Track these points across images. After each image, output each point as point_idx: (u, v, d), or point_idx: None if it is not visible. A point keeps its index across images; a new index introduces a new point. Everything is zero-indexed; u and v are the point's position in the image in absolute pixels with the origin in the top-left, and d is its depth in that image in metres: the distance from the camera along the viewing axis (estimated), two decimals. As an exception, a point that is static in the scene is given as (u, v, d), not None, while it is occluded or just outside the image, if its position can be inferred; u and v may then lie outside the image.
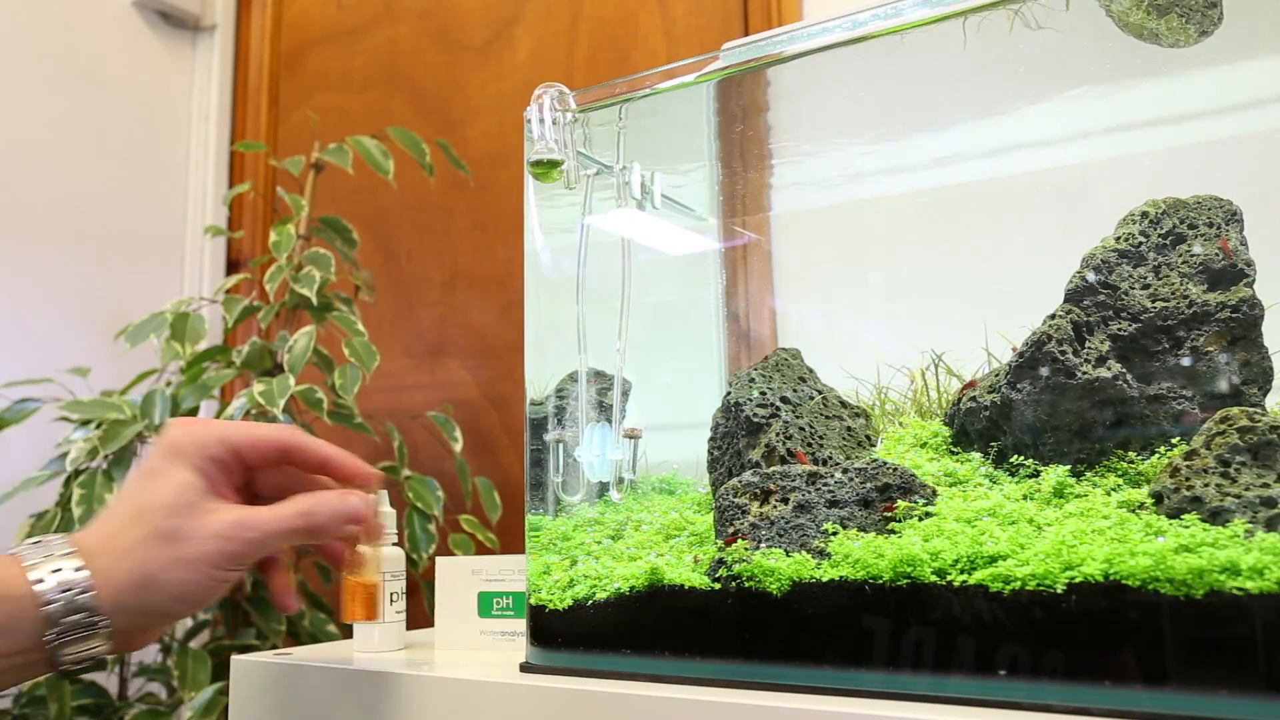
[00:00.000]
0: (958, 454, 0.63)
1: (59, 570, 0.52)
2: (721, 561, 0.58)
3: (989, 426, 0.61)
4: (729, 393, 0.69)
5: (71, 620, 0.52)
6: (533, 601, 0.66)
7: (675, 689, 0.55)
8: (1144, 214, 0.61)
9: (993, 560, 0.50)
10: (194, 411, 1.26)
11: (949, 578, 0.50)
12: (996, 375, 0.62)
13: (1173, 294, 0.58)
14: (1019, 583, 0.48)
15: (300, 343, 1.23)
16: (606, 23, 1.52)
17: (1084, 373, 0.57)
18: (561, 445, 0.76)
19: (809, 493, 0.58)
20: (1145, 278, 0.59)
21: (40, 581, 0.51)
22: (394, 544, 0.77)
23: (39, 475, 1.19)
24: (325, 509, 0.58)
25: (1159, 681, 0.45)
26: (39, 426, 1.27)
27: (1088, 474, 0.56)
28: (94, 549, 0.54)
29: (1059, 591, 0.47)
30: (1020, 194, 0.75)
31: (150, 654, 1.32)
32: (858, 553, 0.54)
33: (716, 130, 0.82)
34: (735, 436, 0.68)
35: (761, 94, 0.78)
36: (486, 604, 0.75)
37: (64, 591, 0.51)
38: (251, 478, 0.61)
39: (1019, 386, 0.59)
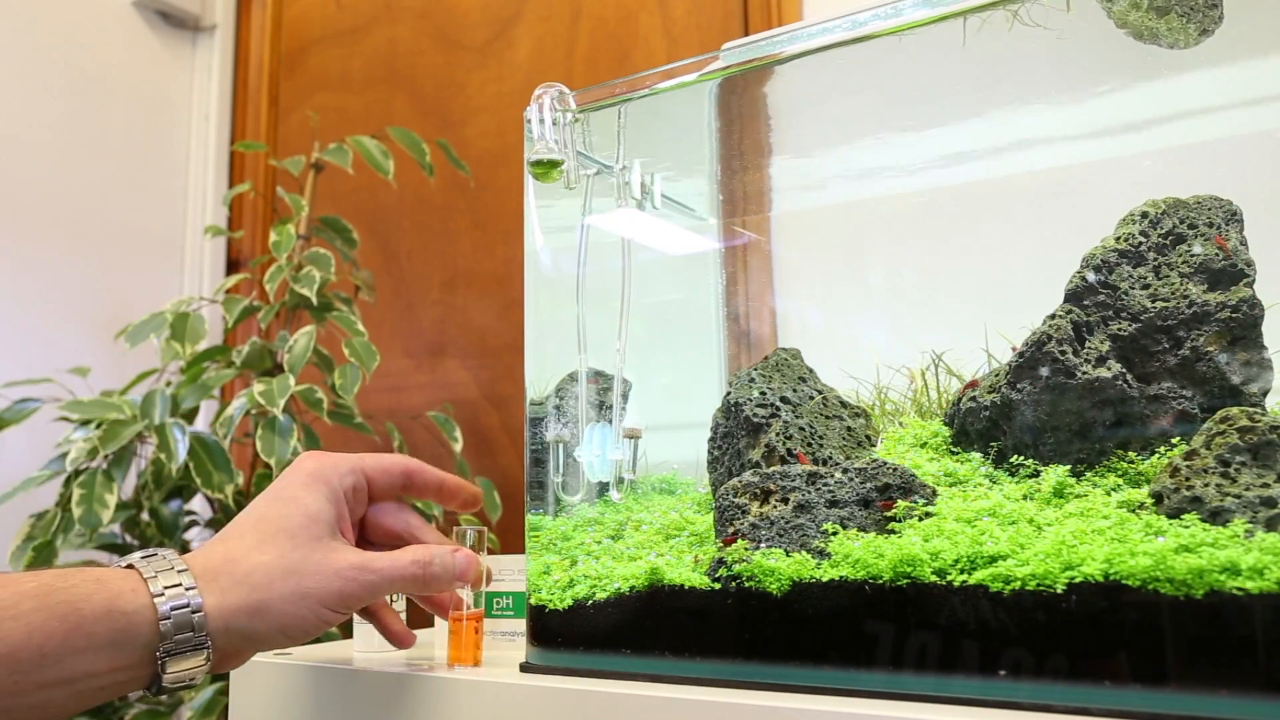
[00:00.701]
0: (958, 454, 0.63)
1: (176, 586, 0.52)
2: (721, 561, 0.58)
3: (989, 426, 0.61)
4: (729, 393, 0.69)
5: (180, 639, 0.52)
6: (533, 601, 0.66)
7: (675, 689, 0.55)
8: (1144, 214, 0.61)
9: (993, 560, 0.50)
10: (194, 412, 1.26)
11: (949, 578, 0.50)
12: (996, 375, 0.62)
13: (1173, 294, 0.58)
14: (1019, 583, 0.48)
15: (300, 343, 1.23)
16: (606, 23, 1.52)
17: (1084, 373, 0.57)
18: (561, 445, 0.76)
19: (809, 493, 0.58)
20: (1145, 278, 0.59)
21: (160, 596, 0.51)
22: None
23: (39, 475, 1.19)
24: (439, 564, 0.60)
25: (1159, 681, 0.45)
26: (39, 426, 1.27)
27: (1088, 474, 0.56)
28: (211, 570, 0.54)
29: (1059, 591, 0.47)
30: (1020, 194, 0.75)
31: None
32: (858, 553, 0.54)
33: (716, 130, 0.82)
34: (735, 436, 0.68)
35: (762, 94, 0.78)
36: (487, 604, 0.75)
37: (177, 609, 0.51)
38: (367, 514, 0.64)
39: (1019, 386, 0.59)
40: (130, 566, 0.53)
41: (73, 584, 0.50)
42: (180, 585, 0.52)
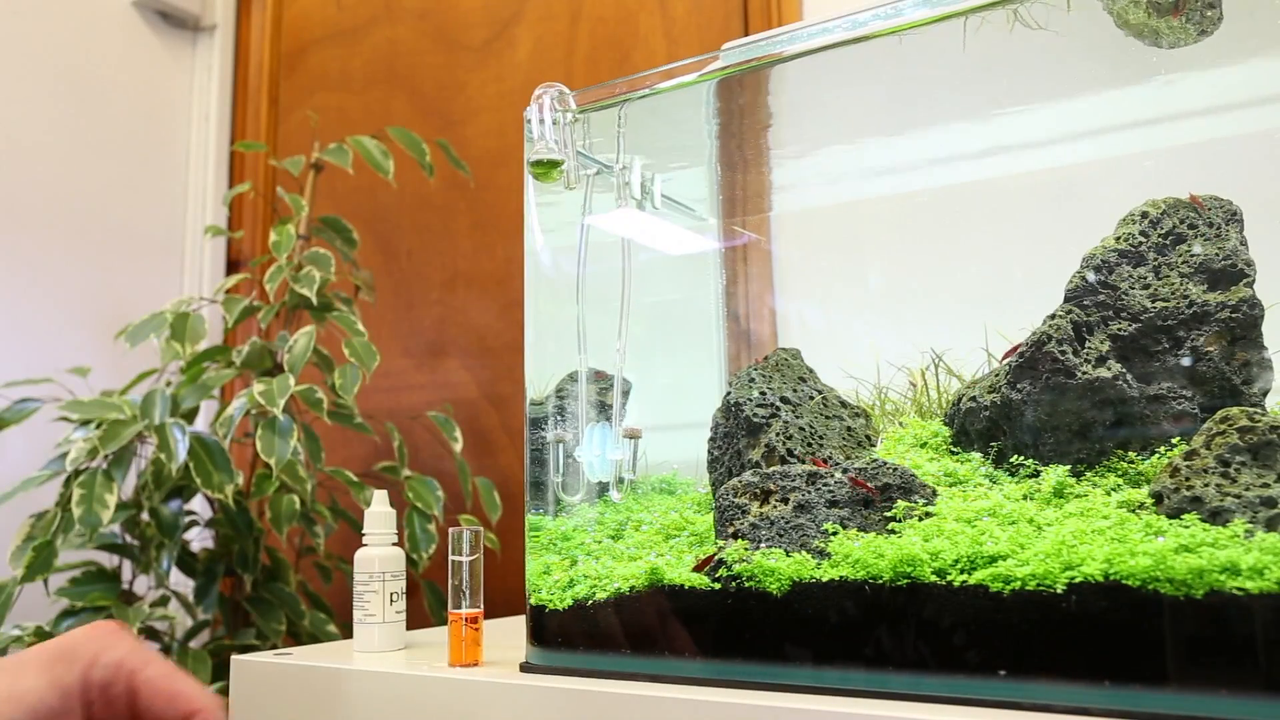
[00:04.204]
0: (958, 454, 0.63)
1: None
2: (721, 562, 0.58)
3: (989, 426, 0.61)
4: (729, 393, 0.69)
5: None
6: (533, 601, 0.66)
7: (675, 689, 0.55)
8: (1144, 214, 0.61)
9: (993, 560, 0.50)
10: (194, 412, 1.26)
11: (949, 578, 0.50)
12: (996, 375, 0.62)
13: (1173, 294, 0.58)
14: (1019, 583, 0.48)
15: (300, 343, 1.23)
16: (606, 23, 1.52)
17: (1084, 373, 0.57)
18: (561, 445, 0.76)
19: (809, 493, 0.58)
20: (1145, 278, 0.59)
21: None
22: (394, 544, 0.77)
23: (39, 475, 1.19)
24: None
25: (1159, 681, 0.45)
26: (39, 426, 1.27)
27: (1088, 474, 0.56)
28: None
29: (1059, 591, 0.47)
30: (1020, 194, 0.75)
31: (150, 654, 1.32)
32: (858, 553, 0.54)
33: (716, 130, 0.82)
34: (735, 436, 0.68)
35: (762, 94, 0.78)
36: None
37: None
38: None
39: (1019, 386, 0.59)
40: None
41: None
42: None
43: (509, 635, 0.77)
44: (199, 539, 1.40)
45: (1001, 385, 0.60)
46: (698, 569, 0.59)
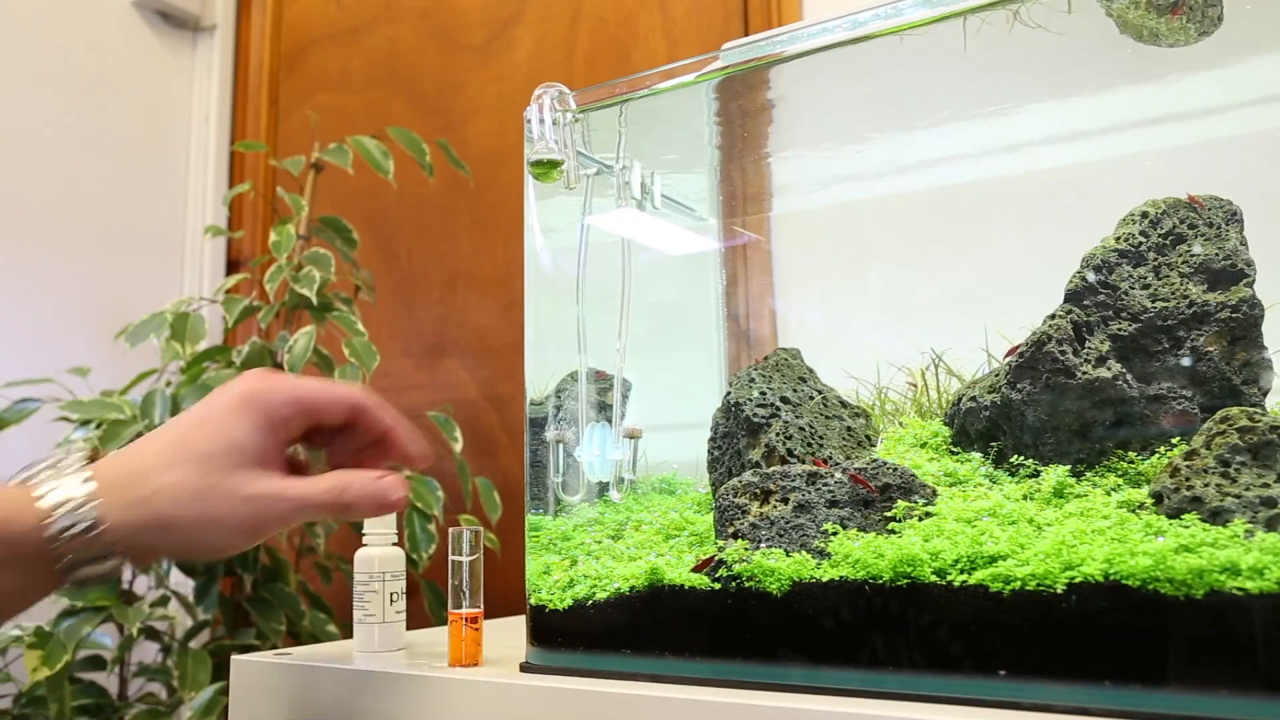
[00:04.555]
0: (958, 454, 0.63)
1: (68, 502, 0.51)
2: (721, 562, 0.58)
3: (989, 426, 0.61)
4: (729, 393, 0.69)
5: (77, 553, 0.51)
6: (533, 601, 0.66)
7: (675, 689, 0.55)
8: (1144, 214, 0.61)
9: (993, 560, 0.50)
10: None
11: (949, 578, 0.50)
12: (996, 375, 0.62)
13: (1173, 294, 0.58)
14: (1019, 583, 0.48)
15: (300, 343, 1.23)
16: (606, 23, 1.52)
17: (1084, 373, 0.57)
18: (561, 445, 0.76)
19: (809, 493, 0.58)
20: (1145, 278, 0.59)
21: (49, 519, 0.51)
22: (394, 544, 0.77)
23: (39, 475, 1.19)
24: (356, 489, 0.57)
25: (1159, 681, 0.45)
26: (39, 426, 1.27)
27: (1088, 474, 0.56)
28: (117, 483, 0.53)
29: (1059, 591, 0.47)
30: (1020, 194, 0.75)
31: (150, 654, 1.32)
32: (858, 553, 0.54)
33: (716, 130, 0.82)
34: (735, 436, 0.68)
35: (762, 94, 0.78)
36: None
37: (68, 529, 0.51)
38: (315, 432, 0.61)
39: (1019, 386, 0.59)
40: (29, 479, 0.53)
41: None
42: (72, 501, 0.51)
43: (509, 635, 0.77)
44: (199, 539, 1.40)
45: (1001, 385, 0.60)
46: (697, 570, 0.59)
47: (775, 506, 0.59)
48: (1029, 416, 0.58)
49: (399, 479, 0.59)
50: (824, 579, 0.54)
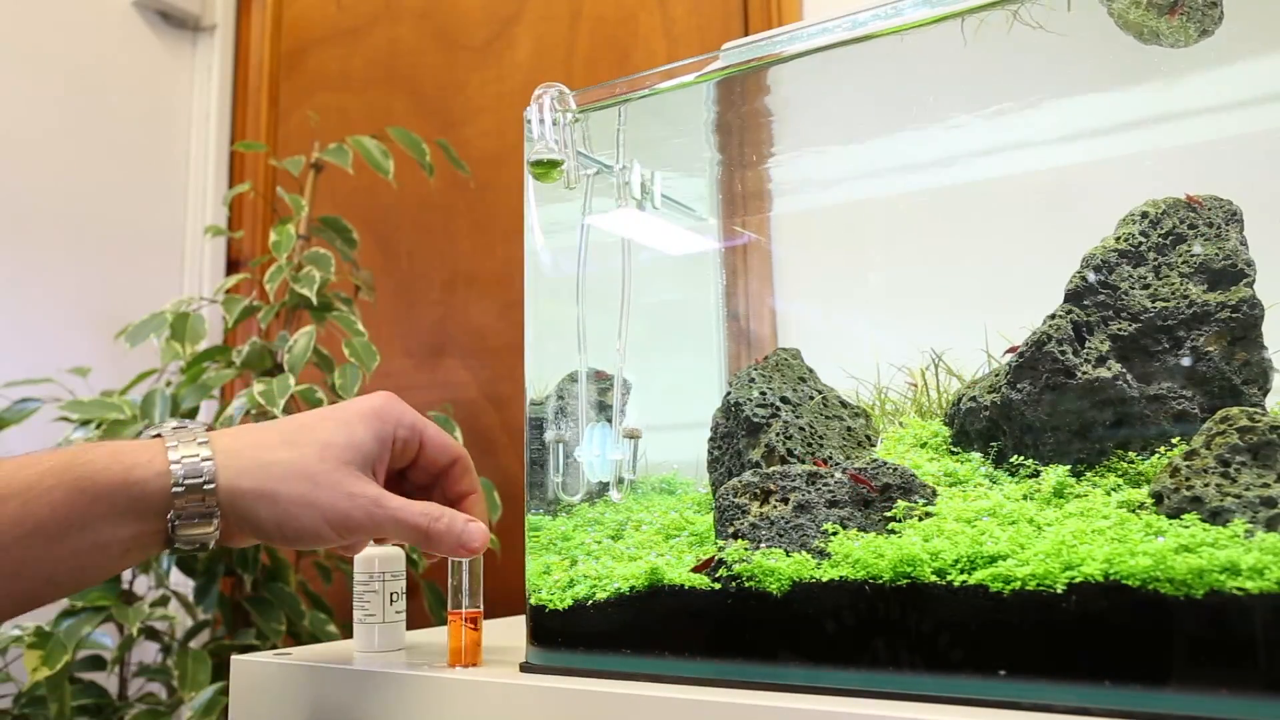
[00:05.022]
0: (958, 454, 0.63)
1: (193, 457, 0.55)
2: (721, 562, 0.58)
3: (989, 426, 0.61)
4: (729, 393, 0.69)
5: (189, 505, 0.54)
6: (533, 601, 0.66)
7: (675, 689, 0.55)
8: (1144, 214, 0.61)
9: (993, 560, 0.50)
10: (194, 412, 1.26)
11: (949, 578, 0.50)
12: (996, 375, 0.62)
13: (1173, 294, 0.58)
14: (1019, 583, 0.48)
15: (300, 343, 1.23)
16: (606, 23, 1.52)
17: (1084, 373, 0.57)
18: (561, 445, 0.76)
19: (809, 493, 0.58)
20: (1145, 278, 0.59)
21: (175, 464, 0.54)
22: (394, 544, 0.77)
23: (39, 475, 1.19)
24: (446, 522, 0.61)
25: (1159, 681, 0.45)
26: (39, 426, 1.27)
27: (1088, 474, 0.56)
28: (234, 450, 0.56)
29: (1059, 591, 0.47)
30: (1020, 194, 0.75)
31: (150, 654, 1.32)
32: (858, 553, 0.54)
33: (716, 130, 0.82)
34: (735, 436, 0.68)
35: (762, 94, 0.78)
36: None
37: (189, 478, 0.54)
38: (410, 471, 0.65)
39: (1019, 386, 0.59)
40: (158, 435, 0.57)
41: (90, 459, 0.54)
42: (197, 456, 0.55)
43: (509, 635, 0.77)
44: (199, 539, 1.40)
45: (1001, 385, 0.60)
46: (696, 570, 0.59)
47: (775, 506, 0.59)
48: (1029, 416, 0.58)
49: (485, 531, 0.63)
50: (824, 579, 0.54)
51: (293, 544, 0.58)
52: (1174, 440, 0.55)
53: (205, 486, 0.54)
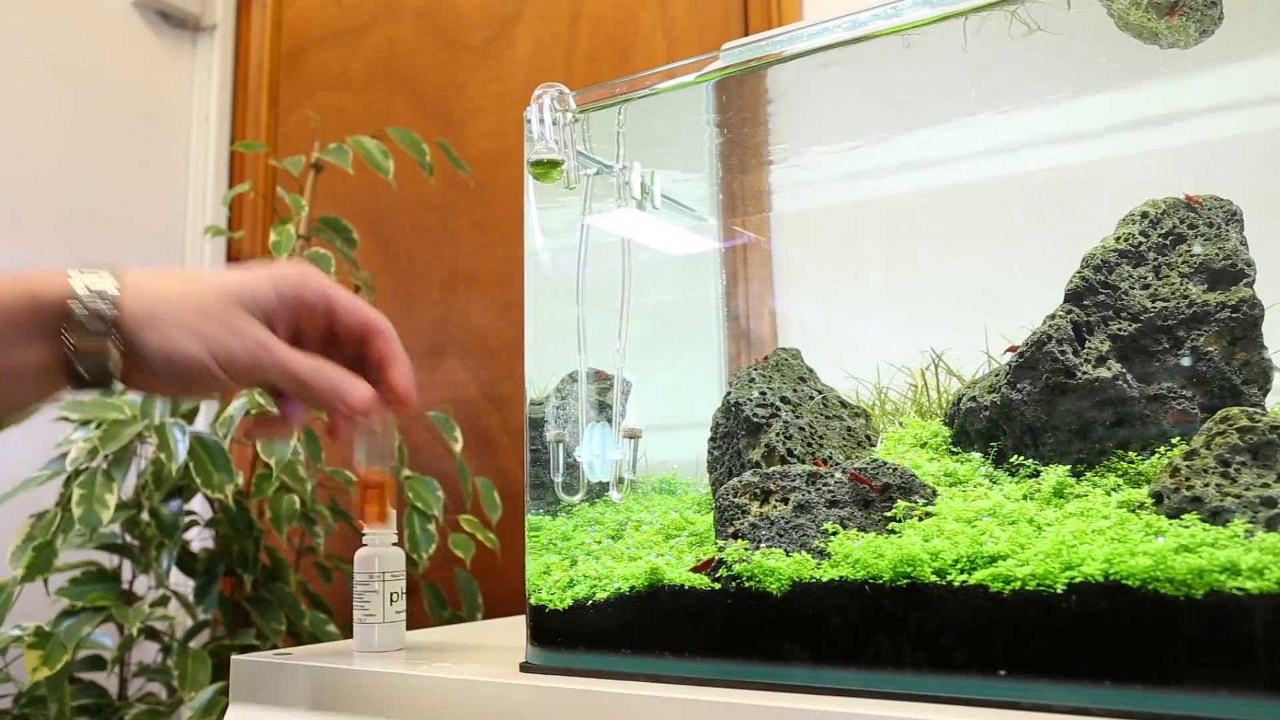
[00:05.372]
0: (958, 454, 0.63)
1: (96, 280, 0.56)
2: (721, 562, 0.58)
3: (989, 426, 0.61)
4: (729, 393, 0.69)
5: (88, 321, 0.55)
6: (533, 601, 0.66)
7: (675, 689, 0.55)
8: (1144, 214, 0.61)
9: (993, 560, 0.50)
10: (194, 412, 1.26)
11: (949, 578, 0.50)
12: (996, 375, 0.62)
13: (1173, 294, 0.58)
14: (1019, 583, 0.48)
15: (300, 343, 1.23)
16: (606, 23, 1.52)
17: (1084, 373, 0.57)
18: (561, 445, 0.76)
19: (809, 493, 0.58)
20: (1145, 278, 0.59)
21: (76, 284, 0.55)
22: (394, 544, 0.77)
23: (39, 475, 1.19)
24: (331, 376, 0.61)
25: (1159, 681, 0.45)
26: (39, 426, 1.27)
27: (1088, 474, 0.56)
28: (132, 278, 0.57)
29: (1059, 591, 0.47)
30: (1020, 194, 0.75)
31: (150, 654, 1.32)
32: (858, 553, 0.54)
33: (716, 130, 0.82)
34: (735, 436, 0.68)
35: (762, 93, 0.78)
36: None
37: (89, 295, 0.55)
38: (334, 344, 0.64)
39: (1019, 386, 0.59)
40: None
41: (3, 287, 0.55)
42: (98, 277, 0.56)
43: (509, 635, 0.77)
44: (199, 539, 1.40)
45: (1001, 385, 0.60)
46: (696, 571, 0.59)
47: (775, 506, 0.59)
48: (1029, 416, 0.58)
49: (368, 392, 0.61)
50: (824, 579, 0.54)
51: (180, 383, 0.58)
52: (1174, 440, 0.55)
53: (102, 302, 0.55)
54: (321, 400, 0.61)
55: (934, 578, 0.51)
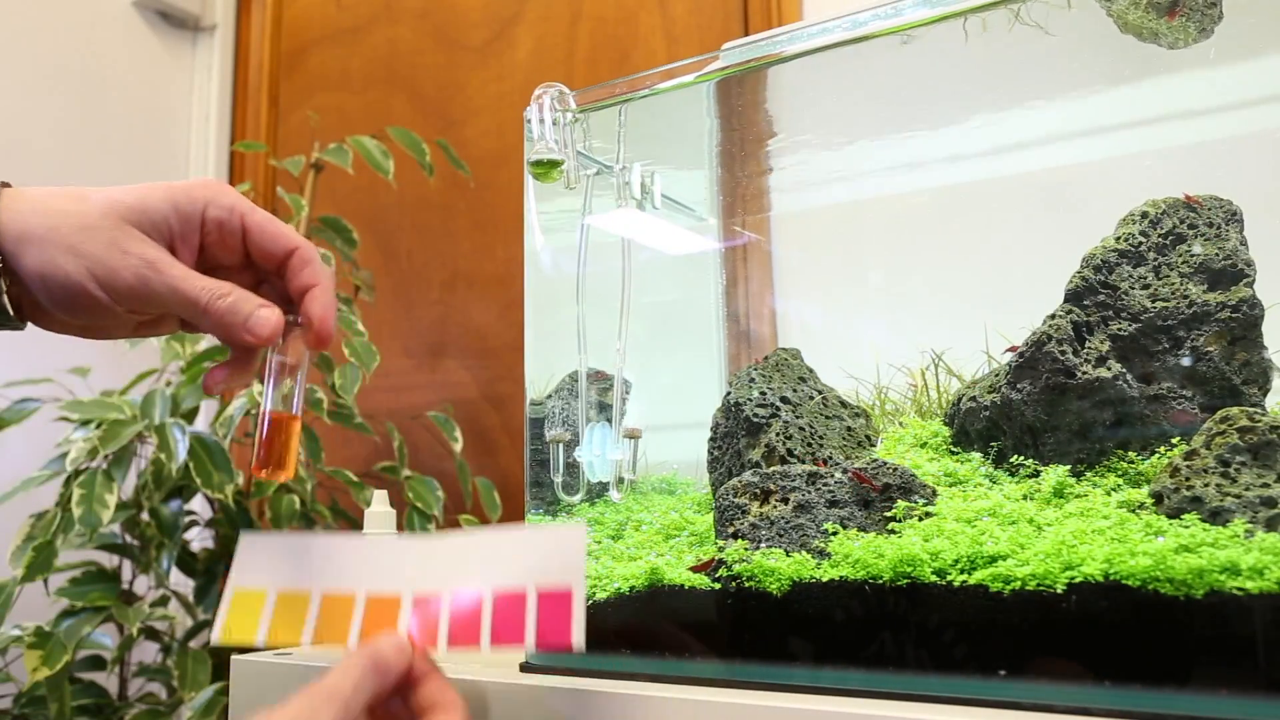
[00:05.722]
0: (958, 454, 0.63)
1: None
2: (721, 562, 0.58)
3: (989, 426, 0.61)
4: (729, 393, 0.69)
5: None
6: (533, 601, 0.66)
7: (675, 689, 0.55)
8: (1144, 214, 0.61)
9: (993, 560, 0.50)
10: (194, 412, 1.26)
11: (949, 578, 0.50)
12: (996, 375, 0.62)
13: (1173, 294, 0.58)
14: (1019, 583, 0.48)
15: (300, 342, 1.23)
16: (606, 23, 1.52)
17: (1084, 373, 0.57)
18: (561, 445, 0.76)
19: (809, 493, 0.58)
20: (1145, 278, 0.59)
21: None
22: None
23: (39, 475, 1.19)
24: (232, 301, 0.54)
25: (1159, 681, 0.45)
26: (39, 426, 1.27)
27: (1088, 474, 0.56)
28: (16, 194, 0.53)
29: (1059, 591, 0.47)
30: (1021, 194, 0.75)
31: (150, 654, 1.32)
32: (858, 553, 0.54)
33: (716, 130, 0.82)
34: (735, 436, 0.68)
35: (762, 93, 0.78)
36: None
37: None
38: (247, 264, 0.58)
39: (1019, 386, 0.59)
40: None
41: None
42: None
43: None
44: (199, 539, 1.40)
45: (1001, 385, 0.60)
46: (696, 571, 0.59)
47: (775, 506, 0.59)
48: (1029, 416, 0.58)
49: (277, 318, 0.54)
50: (824, 579, 0.54)
51: (67, 312, 0.53)
52: (1174, 440, 0.55)
53: None
54: (220, 327, 0.54)
55: (934, 578, 0.51)
